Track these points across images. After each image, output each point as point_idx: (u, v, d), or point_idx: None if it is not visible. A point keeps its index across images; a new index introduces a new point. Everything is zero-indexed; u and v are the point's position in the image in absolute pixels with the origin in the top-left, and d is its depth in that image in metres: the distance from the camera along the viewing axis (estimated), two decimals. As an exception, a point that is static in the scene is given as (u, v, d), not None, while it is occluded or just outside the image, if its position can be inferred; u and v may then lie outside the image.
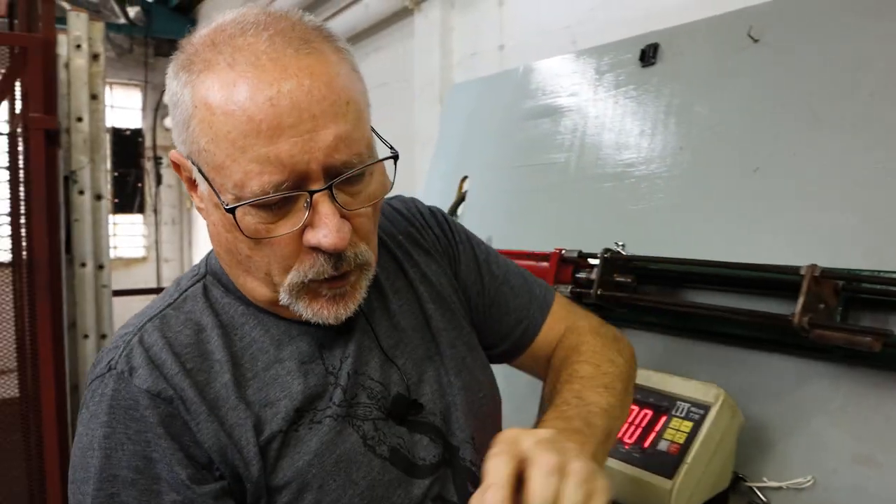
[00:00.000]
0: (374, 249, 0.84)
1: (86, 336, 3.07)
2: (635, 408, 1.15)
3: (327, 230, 0.73)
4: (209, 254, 0.91)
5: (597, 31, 2.37)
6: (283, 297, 0.80)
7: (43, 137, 2.71)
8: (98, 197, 3.07)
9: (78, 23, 2.97)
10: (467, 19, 3.11)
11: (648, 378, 1.17)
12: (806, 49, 1.24)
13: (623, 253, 1.32)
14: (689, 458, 1.02)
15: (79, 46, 2.97)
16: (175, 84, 0.77)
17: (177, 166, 0.82)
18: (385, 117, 3.53)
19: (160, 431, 0.75)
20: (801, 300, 1.00)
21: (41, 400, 2.73)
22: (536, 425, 0.82)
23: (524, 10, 2.77)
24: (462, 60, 3.18)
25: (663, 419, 1.10)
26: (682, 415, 1.08)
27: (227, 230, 0.79)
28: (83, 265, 3.04)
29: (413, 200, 1.05)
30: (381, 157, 0.80)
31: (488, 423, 0.96)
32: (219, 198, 0.75)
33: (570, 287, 1.36)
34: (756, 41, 1.32)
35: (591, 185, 1.58)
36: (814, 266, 1.01)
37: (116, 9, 5.24)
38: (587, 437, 0.78)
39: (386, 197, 0.89)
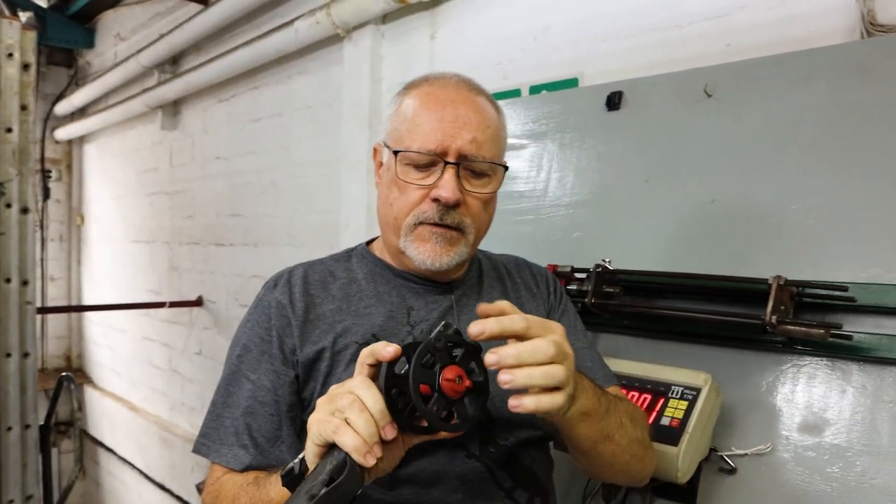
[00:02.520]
0: (476, 232, 1.17)
1: (8, 354, 2.99)
2: (636, 393, 1.40)
3: (446, 187, 1.10)
4: (361, 243, 1.32)
5: (527, 69, 2.61)
6: (401, 241, 1.15)
7: (-25, 149, 2.66)
8: (25, 210, 3.01)
9: (11, 31, 2.92)
10: (398, 50, 3.23)
11: (645, 369, 1.43)
12: (752, 106, 1.56)
13: (610, 267, 1.58)
14: (690, 428, 1.29)
15: (10, 55, 2.93)
16: (393, 104, 1.20)
17: (375, 152, 1.24)
18: (310, 139, 3.66)
19: (274, 323, 1.16)
20: (770, 303, 1.29)
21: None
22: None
23: (456, 45, 2.93)
24: (392, 88, 3.32)
25: (662, 400, 1.36)
26: (678, 396, 1.35)
27: (387, 187, 1.17)
28: (8, 280, 2.97)
29: (546, 270, 1.43)
30: (499, 170, 1.18)
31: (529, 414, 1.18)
32: (394, 153, 1.14)
33: (563, 296, 1.60)
34: (710, 96, 1.63)
35: (565, 210, 1.84)
36: (779, 276, 1.31)
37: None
38: (595, 399, 1.03)
39: (529, 261, 1.41)
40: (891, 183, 1.36)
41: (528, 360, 0.87)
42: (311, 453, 0.87)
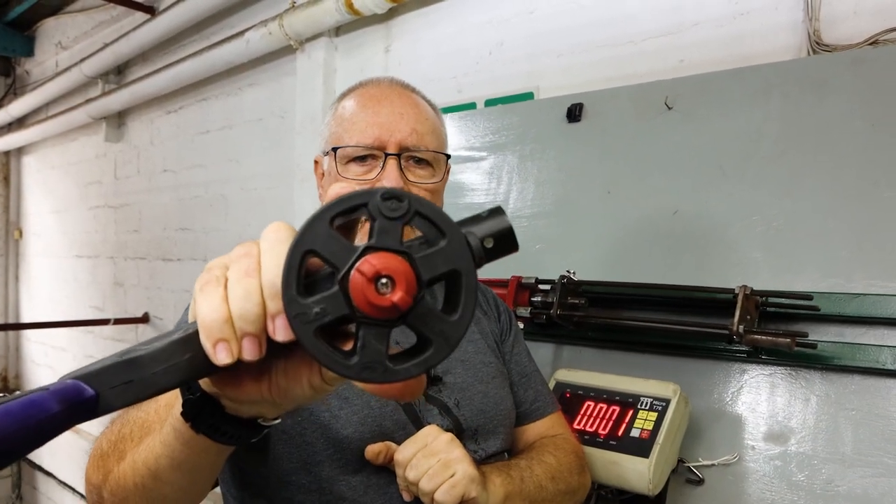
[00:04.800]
0: None
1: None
2: (604, 406, 1.39)
3: (389, 177, 1.08)
4: None
5: (481, 83, 2.61)
6: None
7: None
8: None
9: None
10: (352, 62, 3.21)
11: (613, 381, 1.42)
12: (712, 118, 1.58)
13: (574, 278, 1.57)
14: (660, 439, 1.28)
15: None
16: (329, 112, 1.18)
17: (316, 165, 1.23)
18: (261, 152, 3.59)
19: None
20: (737, 313, 1.30)
21: None
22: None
23: (410, 58, 2.93)
24: (346, 101, 3.30)
25: (630, 412, 1.35)
26: (647, 407, 1.34)
27: (328, 187, 1.11)
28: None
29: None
30: (443, 162, 1.16)
31: (495, 428, 1.17)
32: (333, 150, 1.12)
33: (528, 309, 1.59)
34: (670, 108, 1.64)
35: (527, 221, 1.83)
36: (745, 286, 1.32)
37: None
38: (508, 479, 1.04)
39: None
40: (847, 193, 1.38)
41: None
42: (191, 311, 0.54)
